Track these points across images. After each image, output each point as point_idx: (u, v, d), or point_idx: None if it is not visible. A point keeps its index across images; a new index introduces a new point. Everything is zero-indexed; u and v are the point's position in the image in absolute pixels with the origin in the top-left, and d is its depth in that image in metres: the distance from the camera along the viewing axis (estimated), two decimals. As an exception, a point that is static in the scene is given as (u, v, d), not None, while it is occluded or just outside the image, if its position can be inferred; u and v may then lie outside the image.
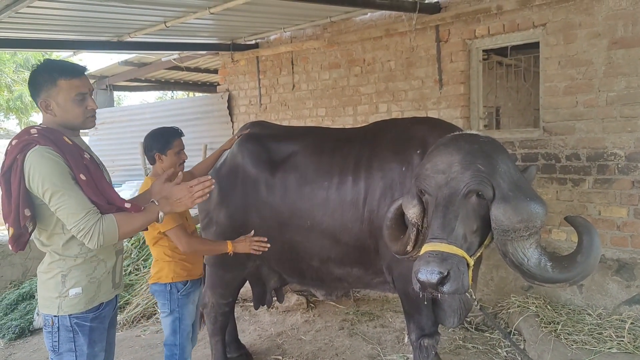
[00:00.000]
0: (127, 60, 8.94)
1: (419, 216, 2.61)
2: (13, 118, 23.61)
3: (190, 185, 2.36)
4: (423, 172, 2.54)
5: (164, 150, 3.17)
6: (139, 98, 25.39)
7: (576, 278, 2.35)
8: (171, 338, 3.18)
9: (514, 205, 2.32)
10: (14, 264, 6.02)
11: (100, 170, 2.33)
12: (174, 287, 3.16)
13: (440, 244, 2.27)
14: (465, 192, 2.36)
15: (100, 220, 2.12)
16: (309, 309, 5.16)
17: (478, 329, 4.46)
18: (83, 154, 2.26)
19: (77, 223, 2.10)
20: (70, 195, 2.10)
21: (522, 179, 2.49)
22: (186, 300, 3.22)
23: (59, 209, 2.11)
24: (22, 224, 2.14)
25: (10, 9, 4.35)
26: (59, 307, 2.24)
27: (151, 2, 4.76)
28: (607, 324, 4.06)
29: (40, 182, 2.09)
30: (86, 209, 2.11)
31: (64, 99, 2.24)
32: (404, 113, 5.77)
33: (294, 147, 3.63)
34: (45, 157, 2.10)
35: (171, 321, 3.17)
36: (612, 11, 4.21)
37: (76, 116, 2.29)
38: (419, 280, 2.23)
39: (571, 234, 4.57)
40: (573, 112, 4.50)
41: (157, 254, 3.20)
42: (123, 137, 9.69)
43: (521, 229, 2.31)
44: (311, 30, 6.58)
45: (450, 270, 2.19)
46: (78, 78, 2.27)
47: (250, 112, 7.60)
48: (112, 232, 2.15)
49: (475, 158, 2.40)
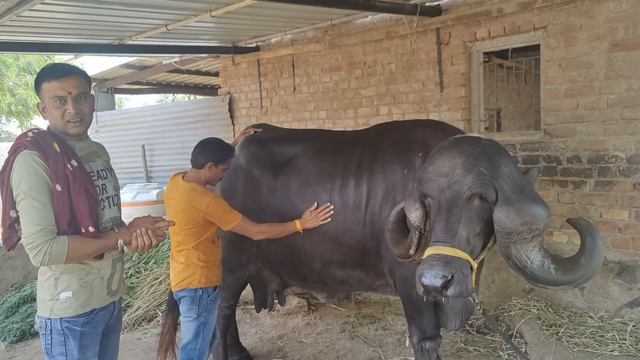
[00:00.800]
0: (129, 64, 8.95)
1: (422, 219, 2.61)
2: (14, 121, 23.66)
3: (153, 221, 2.33)
4: (425, 175, 2.54)
5: (218, 163, 3.18)
6: (140, 101, 25.40)
7: (579, 280, 2.35)
8: (192, 342, 3.14)
9: (517, 208, 2.32)
10: (15, 266, 6.03)
11: (86, 181, 2.24)
12: (205, 292, 3.15)
13: (444, 247, 2.26)
14: (468, 195, 2.36)
15: (51, 240, 2.09)
16: (310, 312, 5.16)
17: (479, 331, 4.45)
18: (68, 162, 2.19)
19: (29, 236, 2.08)
20: (35, 206, 2.09)
21: (525, 182, 2.49)
22: (213, 306, 3.22)
23: (21, 215, 2.12)
24: (7, 224, 2.17)
25: (13, 12, 4.36)
26: (51, 309, 2.25)
27: (153, 5, 4.77)
28: (609, 326, 4.05)
29: (16, 185, 2.11)
30: (42, 224, 2.08)
31: (47, 102, 2.23)
32: (405, 115, 5.77)
33: (296, 149, 3.63)
34: (27, 162, 2.11)
35: (196, 325, 3.14)
36: (612, 14, 4.21)
37: (57, 120, 2.24)
38: (423, 284, 2.22)
39: (573, 237, 4.56)
40: (574, 115, 4.50)
41: (189, 259, 3.14)
42: (124, 140, 9.71)
43: (524, 232, 2.31)
44: (312, 33, 6.59)
45: (454, 274, 2.18)
46: (57, 80, 2.19)
47: (251, 114, 7.60)
48: (60, 255, 2.11)
49: (477, 161, 2.40)
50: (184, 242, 3.15)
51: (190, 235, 3.11)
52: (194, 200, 3.05)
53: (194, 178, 3.19)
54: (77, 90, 2.23)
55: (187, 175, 3.23)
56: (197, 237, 3.12)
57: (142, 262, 6.02)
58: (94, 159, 2.38)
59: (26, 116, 21.93)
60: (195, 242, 3.13)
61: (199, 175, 3.19)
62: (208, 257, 3.16)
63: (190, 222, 3.08)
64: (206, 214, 3.05)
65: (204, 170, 3.17)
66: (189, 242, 3.13)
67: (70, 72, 2.23)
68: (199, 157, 3.19)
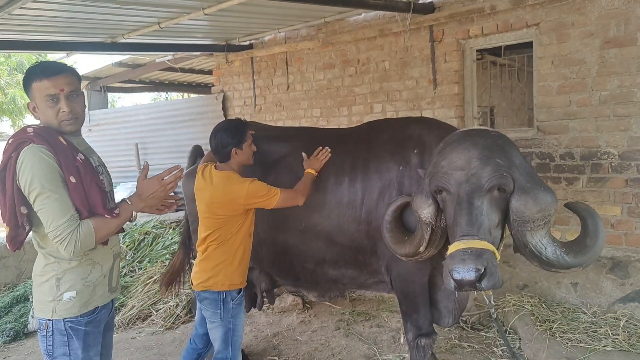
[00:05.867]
0: (121, 62, 8.91)
1: (434, 215, 2.61)
2: (6, 120, 23.50)
3: (161, 177, 2.34)
4: (439, 169, 2.53)
5: (240, 144, 3.02)
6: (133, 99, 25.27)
7: (588, 261, 2.44)
8: (223, 352, 3.00)
9: (533, 196, 2.37)
10: (8, 266, 5.99)
11: (94, 173, 2.28)
12: (229, 296, 3.00)
13: (473, 240, 2.28)
14: (488, 187, 2.38)
15: (77, 228, 2.10)
16: (305, 310, 5.16)
17: (474, 328, 4.47)
18: (77, 155, 2.23)
19: (56, 228, 2.08)
20: (55, 198, 2.08)
21: (533, 170, 2.55)
22: (239, 309, 3.07)
23: (41, 211, 2.10)
24: (20, 221, 2.12)
25: (4, 10, 4.33)
26: (53, 310, 2.22)
27: (145, 2, 4.75)
28: (602, 322, 4.07)
29: (28, 180, 2.07)
30: (67, 215, 2.09)
31: (39, 101, 2.21)
32: (399, 113, 5.78)
33: (287, 148, 3.60)
34: (37, 155, 2.09)
35: (223, 332, 3.00)
36: (604, 10, 4.24)
37: (50, 119, 2.23)
38: (455, 279, 2.22)
39: (565, 233, 4.59)
40: (567, 112, 4.52)
41: (217, 257, 3.00)
42: (117, 139, 9.67)
43: (539, 219, 2.37)
44: (305, 30, 6.58)
45: (487, 267, 2.21)
46: (47, 79, 2.17)
47: (245, 112, 7.59)
48: (89, 238, 2.14)
49: (492, 152, 2.44)
50: (215, 236, 3.00)
51: (225, 228, 2.97)
52: (233, 188, 2.92)
53: (226, 166, 3.07)
54: (68, 87, 2.23)
55: (218, 165, 3.11)
56: (233, 229, 2.98)
57: (136, 261, 6.00)
58: (91, 155, 2.39)
59: (18, 115, 21.79)
60: (230, 235, 2.98)
61: (232, 165, 3.06)
62: (238, 255, 3.02)
63: (229, 212, 2.95)
64: (247, 198, 2.91)
65: (233, 159, 3.04)
66: (222, 237, 2.98)
67: (60, 70, 2.23)
68: (220, 152, 3.04)
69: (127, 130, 9.58)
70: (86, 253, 2.24)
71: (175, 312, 5.05)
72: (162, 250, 6.11)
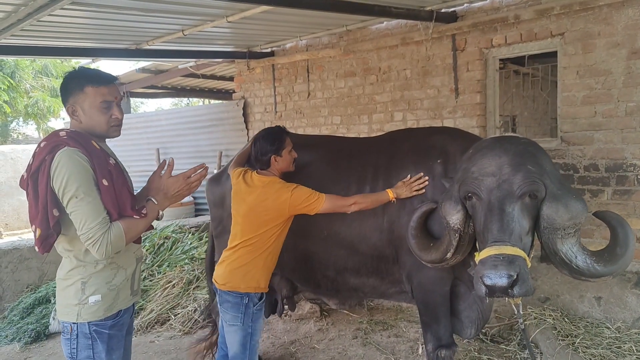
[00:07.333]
0: (144, 68, 9.05)
1: (463, 221, 2.60)
2: (32, 123, 23.99)
3: (186, 176, 2.43)
4: (470, 175, 2.52)
5: (279, 151, 3.05)
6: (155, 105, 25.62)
7: (618, 270, 2.42)
8: (240, 355, 2.99)
9: (565, 203, 2.36)
10: (30, 268, 6.08)
11: (124, 177, 2.35)
12: (251, 301, 2.98)
13: (505, 246, 2.26)
14: (519, 193, 2.37)
15: (109, 230, 2.15)
16: (323, 318, 5.14)
17: (494, 340, 4.40)
18: (108, 159, 2.29)
19: (88, 231, 2.12)
20: (88, 201, 2.12)
21: (562, 177, 2.53)
22: (259, 315, 3.06)
23: (73, 213, 2.13)
24: (52, 224, 2.15)
25: (33, 17, 4.43)
26: (78, 314, 2.25)
27: (170, 10, 4.82)
28: (627, 337, 3.99)
29: (63, 182, 2.11)
30: (99, 217, 2.14)
31: (89, 105, 2.28)
32: (420, 122, 5.75)
33: (310, 156, 3.60)
34: (73, 158, 2.13)
35: (242, 336, 2.98)
36: (631, 21, 4.17)
37: (100, 124, 2.32)
38: (487, 285, 2.21)
39: (589, 246, 4.49)
40: (591, 122, 4.45)
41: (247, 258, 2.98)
42: (139, 144, 9.80)
43: (570, 227, 2.36)
44: (327, 38, 6.60)
45: (519, 273, 2.19)
46: (105, 86, 2.30)
47: (265, 119, 7.64)
48: (120, 240, 2.18)
49: (524, 159, 2.42)
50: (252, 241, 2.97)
51: (264, 234, 2.95)
52: (279, 193, 2.92)
53: (268, 173, 3.08)
54: (119, 97, 2.41)
55: (260, 172, 3.09)
56: (274, 236, 2.98)
57: (155, 265, 6.05)
58: (115, 158, 2.45)
59: (43, 118, 22.21)
60: (270, 243, 2.97)
61: (271, 172, 3.08)
62: (267, 259, 3.01)
63: (273, 217, 2.94)
64: (292, 203, 2.90)
65: (273, 166, 3.06)
66: (259, 242, 2.96)
67: (114, 79, 2.40)
68: (260, 159, 3.07)
69: (149, 135, 9.71)
70: (111, 256, 2.26)
71: (193, 316, 5.08)
72: (181, 255, 6.14)
